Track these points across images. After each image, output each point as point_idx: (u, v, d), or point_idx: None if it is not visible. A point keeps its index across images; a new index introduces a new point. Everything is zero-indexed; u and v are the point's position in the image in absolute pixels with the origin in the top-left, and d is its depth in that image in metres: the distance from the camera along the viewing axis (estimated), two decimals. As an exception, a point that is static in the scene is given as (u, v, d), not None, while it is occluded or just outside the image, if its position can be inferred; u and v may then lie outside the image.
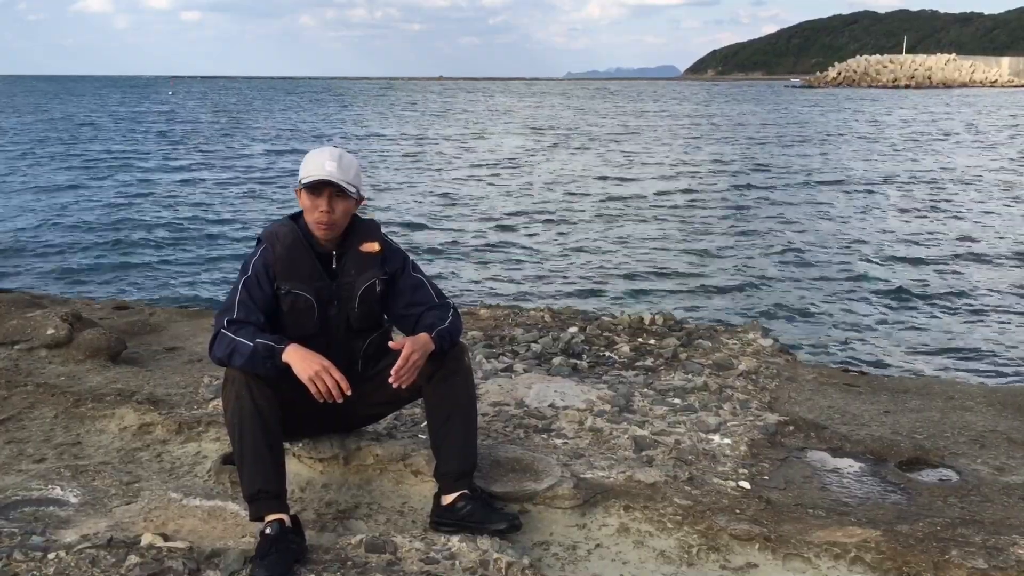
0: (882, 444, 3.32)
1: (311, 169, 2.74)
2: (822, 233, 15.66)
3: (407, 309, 2.88)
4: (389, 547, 2.48)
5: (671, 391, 3.82)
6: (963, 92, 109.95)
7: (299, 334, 2.72)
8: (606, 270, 12.80)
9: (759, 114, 61.21)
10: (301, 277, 2.76)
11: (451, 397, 2.77)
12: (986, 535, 2.57)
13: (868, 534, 2.56)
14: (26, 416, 3.61)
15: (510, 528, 2.63)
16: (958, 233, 15.58)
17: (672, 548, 2.67)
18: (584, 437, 3.31)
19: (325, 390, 2.59)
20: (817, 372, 4.34)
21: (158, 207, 18.73)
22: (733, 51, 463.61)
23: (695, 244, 14.81)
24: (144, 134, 40.20)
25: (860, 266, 13.00)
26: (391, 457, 3.03)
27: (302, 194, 2.76)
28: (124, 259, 13.64)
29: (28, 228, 15.89)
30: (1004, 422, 3.59)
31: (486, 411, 3.49)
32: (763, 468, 3.11)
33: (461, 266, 13.24)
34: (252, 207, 18.98)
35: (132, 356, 4.38)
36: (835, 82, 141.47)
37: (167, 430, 3.46)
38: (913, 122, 49.40)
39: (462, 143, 36.65)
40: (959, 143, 35.17)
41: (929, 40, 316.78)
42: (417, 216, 17.53)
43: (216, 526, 2.71)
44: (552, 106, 78.47)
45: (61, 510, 2.83)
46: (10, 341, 4.31)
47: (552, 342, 4.48)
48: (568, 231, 15.99)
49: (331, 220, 2.75)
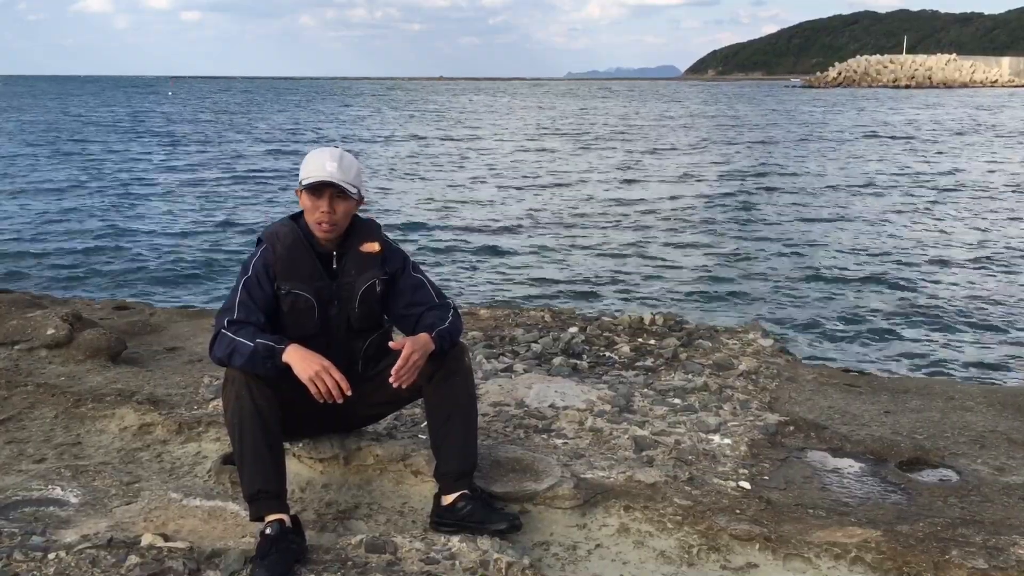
0: (882, 444, 3.32)
1: (312, 170, 2.74)
2: (823, 233, 15.65)
3: (407, 309, 2.88)
4: (389, 547, 2.48)
5: (671, 391, 3.82)
6: (964, 92, 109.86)
7: (299, 334, 2.73)
8: (606, 270, 12.80)
9: (760, 114, 61.22)
10: (301, 277, 2.76)
11: (451, 397, 2.77)
12: (986, 535, 2.57)
13: (868, 534, 2.56)
14: (26, 416, 3.61)
15: (510, 528, 2.63)
16: (958, 234, 15.58)
17: (672, 548, 2.67)
18: (584, 437, 3.31)
19: (325, 390, 2.59)
20: (817, 372, 4.34)
21: (158, 207, 18.73)
22: (733, 51, 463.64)
23: (695, 244, 14.81)
24: (144, 134, 40.20)
25: (860, 266, 13.00)
26: (391, 457, 3.03)
27: (303, 195, 2.76)
28: (124, 259, 13.64)
29: (28, 228, 15.89)
30: (1004, 422, 3.59)
31: (486, 411, 3.49)
32: (763, 468, 3.11)
33: (461, 266, 13.24)
34: (252, 207, 18.98)
35: (132, 356, 4.38)
36: (835, 82, 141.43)
37: (167, 430, 3.46)
38: (916, 121, 49.42)
39: (463, 143, 36.65)
40: (971, 144, 35.04)
41: (929, 40, 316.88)
42: (418, 216, 17.53)
43: (216, 526, 2.71)
44: (553, 107, 78.44)
45: (61, 510, 2.83)
46: (10, 341, 4.31)
47: (552, 342, 4.48)
48: (569, 231, 15.98)
49: (332, 221, 2.75)
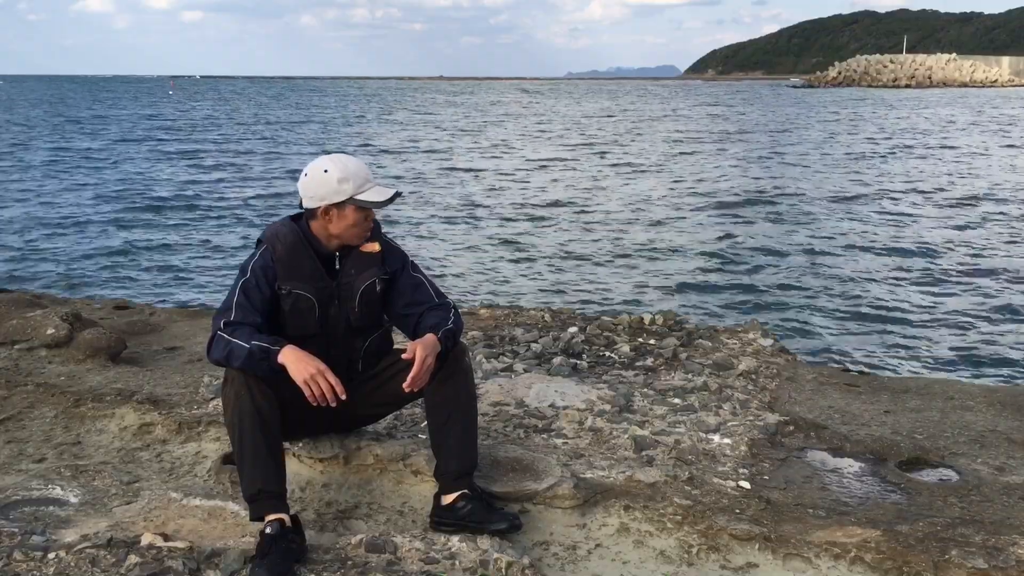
0: (882, 444, 3.32)
1: (364, 185, 2.72)
2: (823, 234, 15.66)
3: (407, 309, 2.88)
4: (389, 547, 2.48)
5: (671, 391, 3.81)
6: (963, 91, 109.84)
7: (300, 334, 2.73)
8: (606, 270, 12.80)
9: (760, 114, 61.19)
10: (303, 277, 2.76)
11: (451, 397, 2.76)
12: (986, 535, 2.57)
13: (868, 534, 2.56)
14: (26, 416, 3.61)
15: (510, 528, 2.63)
16: (958, 234, 15.58)
17: (672, 548, 2.67)
18: (584, 437, 3.31)
19: (320, 393, 2.59)
20: (817, 372, 4.34)
21: (158, 207, 18.74)
22: (733, 51, 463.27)
23: (696, 244, 14.81)
24: (144, 134, 40.19)
25: (861, 267, 13.00)
26: (391, 457, 3.02)
27: (352, 209, 2.73)
28: (124, 259, 13.65)
29: (28, 228, 15.90)
30: (1004, 422, 3.59)
31: (486, 411, 3.49)
32: (763, 468, 3.11)
33: (462, 266, 13.25)
34: (252, 207, 18.99)
35: (132, 356, 4.37)
36: (835, 82, 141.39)
37: (167, 430, 3.46)
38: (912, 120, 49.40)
39: (464, 143, 36.65)
40: (971, 144, 35.04)
41: (929, 40, 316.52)
42: (419, 216, 17.54)
43: (216, 526, 2.71)
44: (554, 108, 78.40)
45: (61, 510, 2.83)
46: (10, 341, 4.30)
47: (552, 342, 4.48)
48: (569, 231, 16.00)
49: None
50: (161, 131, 42.39)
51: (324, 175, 2.71)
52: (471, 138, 39.67)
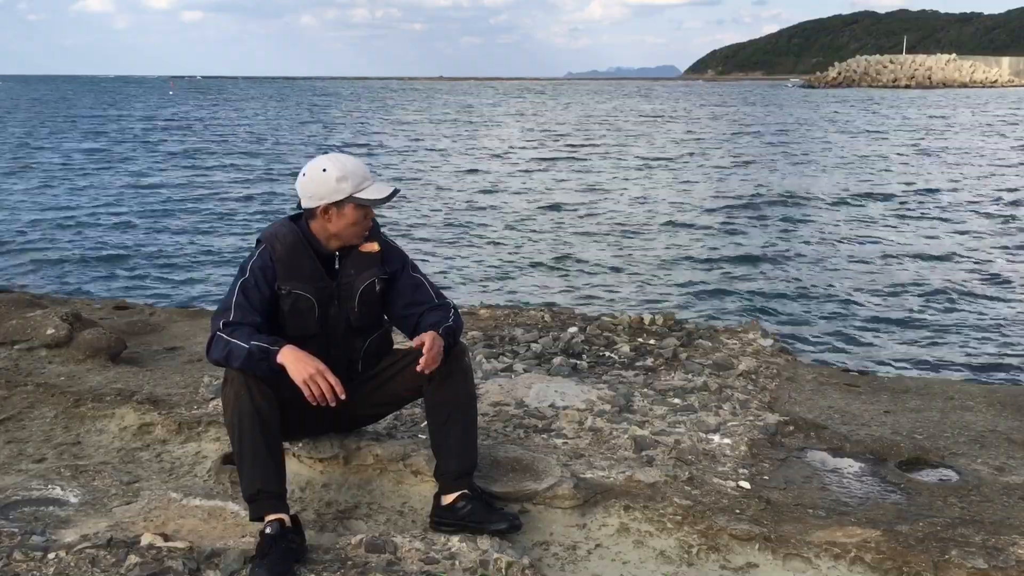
0: (882, 444, 3.32)
1: (363, 183, 2.72)
2: (823, 234, 15.65)
3: (407, 309, 2.88)
4: (389, 547, 2.48)
5: (671, 391, 3.82)
6: (964, 92, 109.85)
7: (299, 334, 2.73)
8: (606, 270, 12.80)
9: (761, 114, 61.19)
10: (302, 277, 2.76)
11: (451, 397, 2.77)
12: (986, 535, 2.57)
13: (868, 534, 2.56)
14: (26, 416, 3.61)
15: (510, 528, 2.63)
16: (958, 235, 15.58)
17: (672, 548, 2.67)
18: (584, 437, 3.31)
19: (319, 393, 2.59)
20: (817, 372, 4.34)
21: (158, 207, 18.74)
22: (733, 51, 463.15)
23: (696, 244, 14.81)
24: (144, 134, 40.19)
25: (861, 267, 13.00)
26: (391, 457, 3.02)
27: (352, 208, 2.73)
28: (124, 259, 13.64)
29: (28, 228, 15.89)
30: (1004, 422, 3.59)
31: (486, 411, 3.49)
32: (763, 468, 3.11)
33: (462, 266, 13.24)
34: (252, 207, 18.99)
35: (132, 356, 4.38)
36: (835, 82, 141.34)
37: (167, 430, 3.46)
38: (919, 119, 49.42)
39: (464, 143, 36.65)
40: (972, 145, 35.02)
41: (929, 40, 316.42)
42: (419, 217, 17.54)
43: (216, 526, 2.71)
44: (554, 108, 78.42)
45: (61, 510, 2.83)
46: (10, 341, 4.30)
47: (552, 342, 4.48)
48: (569, 231, 15.99)
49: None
50: (161, 131, 42.37)
51: (322, 174, 2.71)
52: (471, 138, 39.68)
